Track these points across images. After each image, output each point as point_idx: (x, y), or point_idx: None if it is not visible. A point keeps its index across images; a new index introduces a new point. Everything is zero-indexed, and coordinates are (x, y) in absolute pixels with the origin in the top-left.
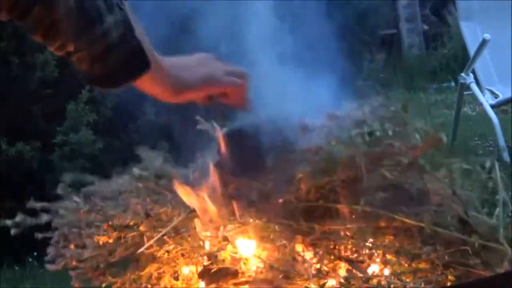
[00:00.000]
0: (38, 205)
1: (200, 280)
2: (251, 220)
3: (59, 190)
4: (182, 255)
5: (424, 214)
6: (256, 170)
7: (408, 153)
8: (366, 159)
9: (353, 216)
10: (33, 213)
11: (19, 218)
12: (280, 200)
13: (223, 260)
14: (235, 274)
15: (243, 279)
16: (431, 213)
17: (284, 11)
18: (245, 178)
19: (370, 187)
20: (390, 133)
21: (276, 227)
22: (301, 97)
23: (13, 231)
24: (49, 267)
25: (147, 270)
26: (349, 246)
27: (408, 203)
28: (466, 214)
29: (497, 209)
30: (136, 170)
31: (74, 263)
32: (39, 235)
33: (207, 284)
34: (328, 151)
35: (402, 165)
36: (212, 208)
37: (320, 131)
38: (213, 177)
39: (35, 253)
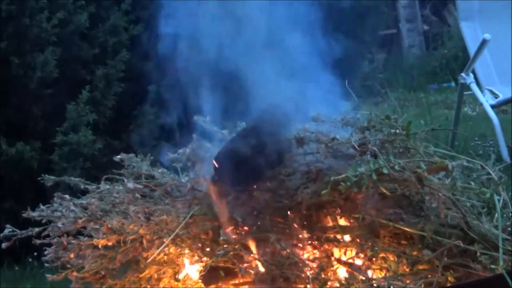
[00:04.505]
0: (36, 213)
1: (200, 280)
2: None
3: (56, 199)
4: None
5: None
6: (251, 183)
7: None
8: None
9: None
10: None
11: (7, 231)
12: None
13: (225, 261)
14: (235, 274)
15: (243, 280)
16: (432, 221)
17: (283, 11)
18: (241, 190)
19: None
20: (397, 167)
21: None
22: (302, 97)
23: (4, 245)
24: (49, 277)
25: (146, 272)
26: (350, 250)
27: (409, 210)
28: (467, 223)
29: (496, 215)
30: (130, 185)
31: (75, 273)
32: (37, 242)
33: (207, 284)
34: (333, 183)
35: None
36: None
37: (317, 148)
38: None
39: (35, 253)
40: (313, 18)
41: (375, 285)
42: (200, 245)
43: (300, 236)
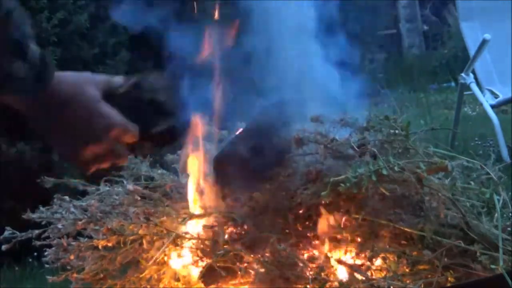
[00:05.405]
0: (36, 215)
1: (200, 280)
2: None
3: (56, 201)
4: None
5: (425, 223)
6: (251, 184)
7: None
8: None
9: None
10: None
11: (7, 233)
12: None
13: (225, 261)
14: (235, 274)
15: (243, 280)
16: (432, 221)
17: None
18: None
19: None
20: (396, 168)
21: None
22: (301, 98)
23: (4, 247)
24: (50, 279)
25: (146, 272)
26: (350, 250)
27: (409, 210)
28: (467, 224)
29: (496, 215)
30: (130, 186)
31: (75, 275)
32: (38, 243)
33: (207, 284)
34: (332, 184)
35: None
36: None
37: (316, 148)
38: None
39: (35, 253)
40: (313, 17)
41: (375, 285)
42: (200, 245)
43: (300, 236)
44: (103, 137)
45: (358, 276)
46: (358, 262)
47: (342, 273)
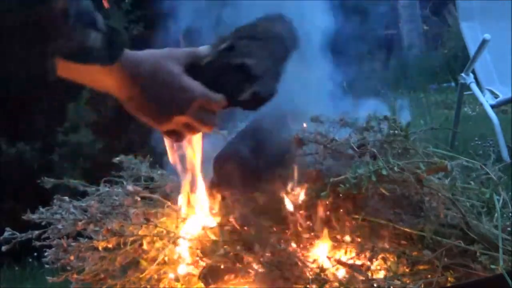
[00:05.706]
0: (35, 216)
1: (200, 280)
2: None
3: (56, 201)
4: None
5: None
6: (250, 186)
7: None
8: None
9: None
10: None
11: (7, 233)
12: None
13: (225, 261)
14: (235, 274)
15: (243, 280)
16: (432, 221)
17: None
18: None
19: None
20: (396, 168)
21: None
22: (302, 97)
23: (4, 248)
24: (50, 279)
25: (146, 272)
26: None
27: (409, 211)
28: (467, 224)
29: (496, 215)
30: (129, 187)
31: (75, 275)
32: (37, 244)
33: (207, 284)
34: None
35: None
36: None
37: (315, 148)
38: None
39: (35, 253)
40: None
41: (375, 285)
42: (200, 245)
43: (300, 236)
44: (185, 110)
45: (358, 276)
46: (358, 262)
47: (341, 273)
